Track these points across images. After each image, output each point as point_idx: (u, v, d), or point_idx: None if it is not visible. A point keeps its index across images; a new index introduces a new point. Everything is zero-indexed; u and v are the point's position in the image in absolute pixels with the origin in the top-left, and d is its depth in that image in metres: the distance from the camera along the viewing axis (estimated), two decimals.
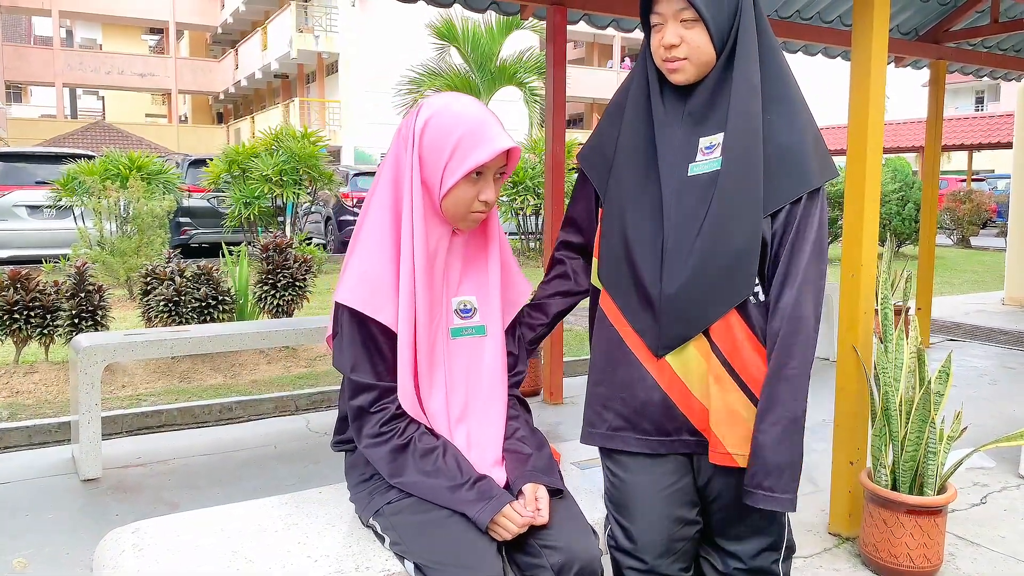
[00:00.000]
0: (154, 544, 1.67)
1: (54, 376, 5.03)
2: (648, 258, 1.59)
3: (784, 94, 1.59)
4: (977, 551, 2.89)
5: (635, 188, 1.63)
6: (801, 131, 1.58)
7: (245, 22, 34.20)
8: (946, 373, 2.68)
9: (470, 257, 1.76)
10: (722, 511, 1.69)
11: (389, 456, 1.62)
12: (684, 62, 1.56)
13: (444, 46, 15.44)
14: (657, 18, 1.58)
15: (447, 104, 1.66)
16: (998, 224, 19.85)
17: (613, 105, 1.75)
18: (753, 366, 1.59)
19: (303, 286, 6.02)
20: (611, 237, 1.67)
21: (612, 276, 1.67)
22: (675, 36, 1.55)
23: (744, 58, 1.55)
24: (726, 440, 1.59)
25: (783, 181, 1.56)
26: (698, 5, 1.51)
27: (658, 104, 1.63)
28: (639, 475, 1.67)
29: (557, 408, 4.65)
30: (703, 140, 1.59)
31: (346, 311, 1.64)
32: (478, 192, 1.64)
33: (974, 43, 6.40)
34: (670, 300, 1.56)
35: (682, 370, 1.60)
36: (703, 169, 1.57)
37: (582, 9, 4.84)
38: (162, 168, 9.60)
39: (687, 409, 1.61)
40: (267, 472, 3.65)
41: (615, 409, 1.67)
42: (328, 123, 27.27)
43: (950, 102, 34.28)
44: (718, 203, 1.53)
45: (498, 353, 1.75)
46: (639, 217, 1.61)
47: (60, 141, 23.47)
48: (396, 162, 1.66)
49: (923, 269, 6.27)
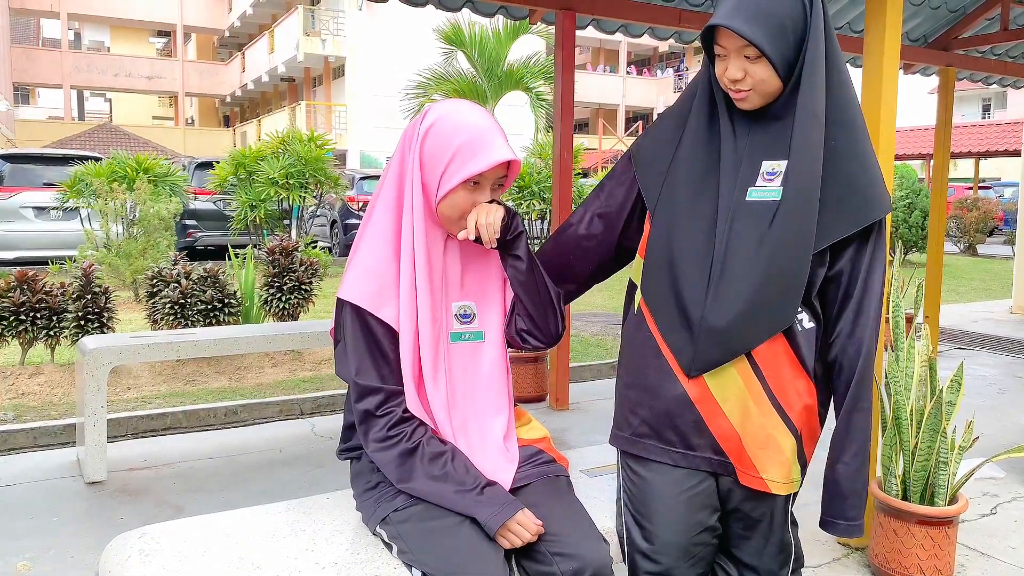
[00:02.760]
0: (161, 549, 1.66)
1: (59, 378, 5.03)
2: (693, 278, 1.57)
3: (847, 118, 1.57)
4: (988, 562, 2.87)
5: (689, 204, 1.60)
6: (866, 160, 1.56)
7: (252, 25, 34.32)
8: (958, 383, 2.66)
9: (471, 262, 1.75)
10: (740, 524, 1.67)
11: (397, 460, 1.61)
12: (750, 92, 1.54)
13: (451, 51, 15.45)
14: (720, 49, 1.55)
15: (452, 110, 1.66)
16: (1005, 232, 19.79)
17: (674, 115, 1.71)
18: (792, 392, 1.58)
19: (309, 289, 6.02)
20: (656, 246, 1.64)
21: (653, 288, 1.64)
22: (739, 71, 1.52)
23: (810, 85, 1.51)
24: (760, 465, 1.59)
25: (849, 210, 1.54)
26: (760, 44, 1.47)
27: (726, 122, 1.60)
28: (660, 475, 1.65)
29: (563, 414, 4.62)
30: (766, 164, 1.56)
31: (349, 309, 1.64)
32: (474, 200, 1.64)
33: (983, 50, 6.38)
34: (711, 324, 1.54)
35: (718, 389, 1.58)
36: (762, 196, 1.54)
37: (591, 14, 4.84)
38: (169, 170, 9.61)
39: (715, 428, 1.59)
40: (272, 476, 3.64)
41: (642, 415, 1.65)
42: (334, 127, 27.33)
43: (956, 109, 34.08)
44: (778, 234, 1.51)
45: (497, 359, 1.75)
46: (690, 233, 1.58)
47: (67, 143, 23.56)
48: (401, 162, 1.68)
49: (931, 277, 6.24)
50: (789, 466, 1.60)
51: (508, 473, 1.68)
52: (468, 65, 15.39)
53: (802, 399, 1.59)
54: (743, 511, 1.65)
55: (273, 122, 28.30)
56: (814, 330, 1.60)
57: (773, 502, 1.65)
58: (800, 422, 1.60)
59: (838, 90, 1.56)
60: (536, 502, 1.64)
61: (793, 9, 1.49)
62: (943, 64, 6.04)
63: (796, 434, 1.59)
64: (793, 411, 1.58)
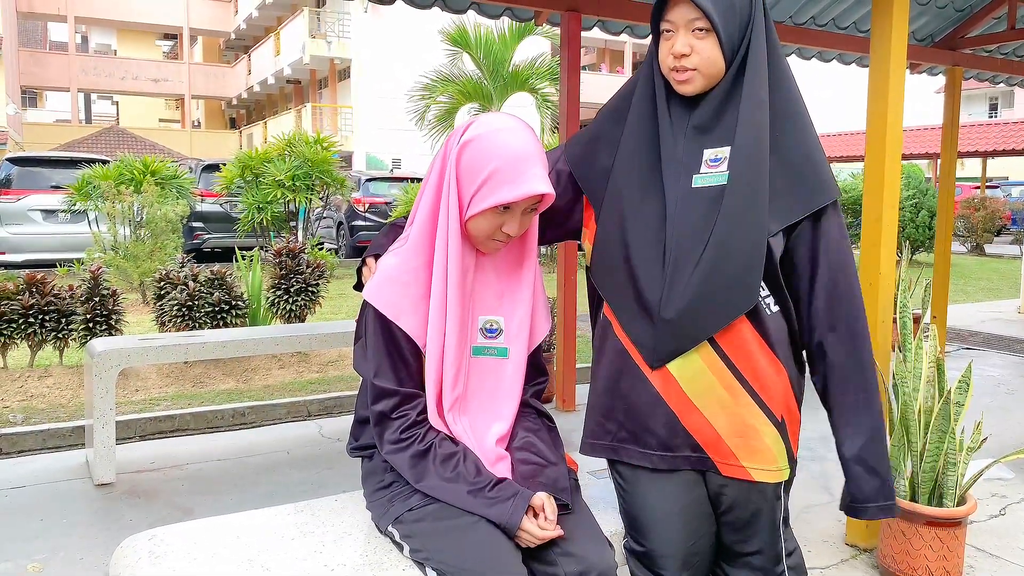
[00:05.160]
0: (171, 551, 1.66)
1: (68, 380, 5.05)
2: (649, 269, 1.57)
3: (794, 110, 1.58)
4: (997, 563, 2.86)
5: (637, 197, 1.61)
6: (813, 146, 1.58)
7: (258, 28, 34.40)
8: (966, 383, 2.65)
9: (503, 277, 1.73)
10: (732, 525, 1.67)
11: (411, 462, 1.62)
12: (693, 73, 1.54)
13: (457, 52, 15.45)
14: (668, 25, 1.55)
15: (492, 130, 1.60)
16: (1012, 231, 19.73)
17: (612, 109, 1.71)
18: (768, 378, 1.58)
19: (316, 291, 6.03)
20: (609, 246, 1.64)
21: (609, 284, 1.65)
22: (686, 46, 1.52)
23: (754, 71, 1.53)
24: (740, 453, 1.58)
25: (801, 194, 1.56)
26: (712, 15, 1.49)
27: (664, 114, 1.60)
28: (650, 489, 1.65)
29: (570, 415, 4.62)
30: (708, 152, 1.56)
31: (372, 311, 1.64)
32: (502, 223, 1.61)
33: (990, 49, 6.36)
34: (664, 316, 1.55)
35: (687, 383, 1.58)
36: (708, 182, 1.55)
37: (596, 15, 4.84)
38: (176, 173, 9.65)
39: (689, 424, 1.59)
40: (280, 477, 3.65)
41: (618, 420, 1.66)
42: (340, 128, 27.38)
43: (964, 109, 34.08)
44: (725, 218, 1.51)
45: (517, 378, 1.73)
46: (640, 227, 1.59)
47: (75, 146, 23.69)
48: (441, 171, 1.64)
49: (938, 276, 6.22)
50: (773, 453, 1.59)
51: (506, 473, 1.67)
52: (473, 66, 15.39)
53: (779, 384, 1.59)
54: (735, 511, 1.65)
55: (279, 124, 28.38)
56: (781, 313, 1.60)
57: (763, 498, 1.64)
58: (780, 408, 1.60)
59: (783, 81, 1.58)
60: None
61: None
62: (949, 63, 6.02)
63: (776, 420, 1.59)
64: (771, 397, 1.59)
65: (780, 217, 1.54)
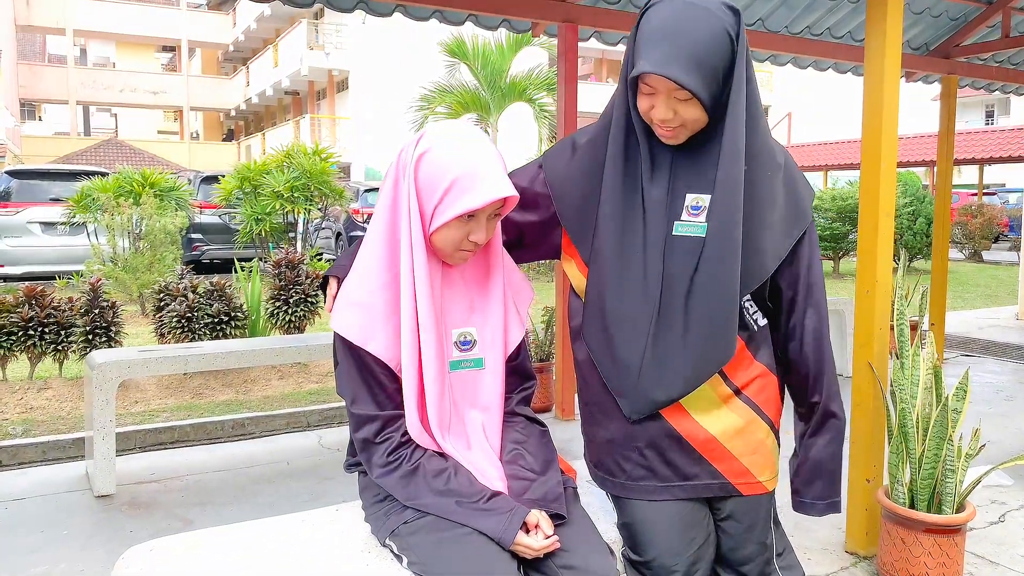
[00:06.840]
0: (171, 562, 1.67)
1: (68, 392, 5.05)
2: (628, 337, 1.60)
3: (768, 148, 1.61)
4: (996, 570, 2.86)
5: (617, 244, 1.61)
6: (795, 181, 1.66)
7: (256, 40, 34.51)
8: (963, 390, 2.66)
9: (472, 288, 1.71)
10: (730, 532, 1.69)
11: (401, 483, 1.62)
12: (679, 128, 1.54)
13: (454, 63, 15.53)
14: (647, 88, 1.51)
15: (446, 139, 1.57)
16: (1010, 238, 19.77)
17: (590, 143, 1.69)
18: (758, 385, 1.66)
19: (315, 302, 6.04)
20: (592, 298, 1.66)
21: (592, 335, 1.68)
22: (669, 112, 1.50)
23: (733, 125, 1.52)
24: (755, 470, 1.64)
25: (789, 227, 1.63)
26: (697, 92, 1.45)
27: (645, 155, 1.60)
28: (648, 504, 1.67)
29: (569, 424, 4.62)
30: (690, 197, 1.57)
31: (339, 339, 1.63)
32: (468, 232, 1.59)
33: (984, 58, 6.40)
34: (651, 396, 1.59)
35: (691, 406, 1.63)
36: (688, 231, 1.56)
37: (593, 26, 4.87)
38: (174, 185, 9.67)
39: (705, 450, 1.63)
40: (280, 488, 3.65)
41: (633, 459, 1.67)
42: (338, 139, 27.43)
43: (960, 116, 34.12)
44: (705, 274, 1.54)
45: (496, 387, 1.71)
46: (622, 288, 1.60)
47: (74, 158, 23.72)
48: (394, 188, 1.62)
49: (936, 284, 6.24)
50: (773, 459, 1.69)
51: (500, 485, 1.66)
52: (471, 77, 15.47)
53: (767, 389, 1.67)
54: (733, 519, 1.68)
55: (277, 135, 28.43)
56: (767, 326, 1.70)
57: (759, 504, 1.69)
58: (772, 411, 1.69)
59: (758, 120, 1.57)
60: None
61: (724, 52, 1.47)
62: (944, 72, 6.06)
63: (770, 423, 1.69)
64: (764, 403, 1.67)
65: (776, 253, 1.61)
